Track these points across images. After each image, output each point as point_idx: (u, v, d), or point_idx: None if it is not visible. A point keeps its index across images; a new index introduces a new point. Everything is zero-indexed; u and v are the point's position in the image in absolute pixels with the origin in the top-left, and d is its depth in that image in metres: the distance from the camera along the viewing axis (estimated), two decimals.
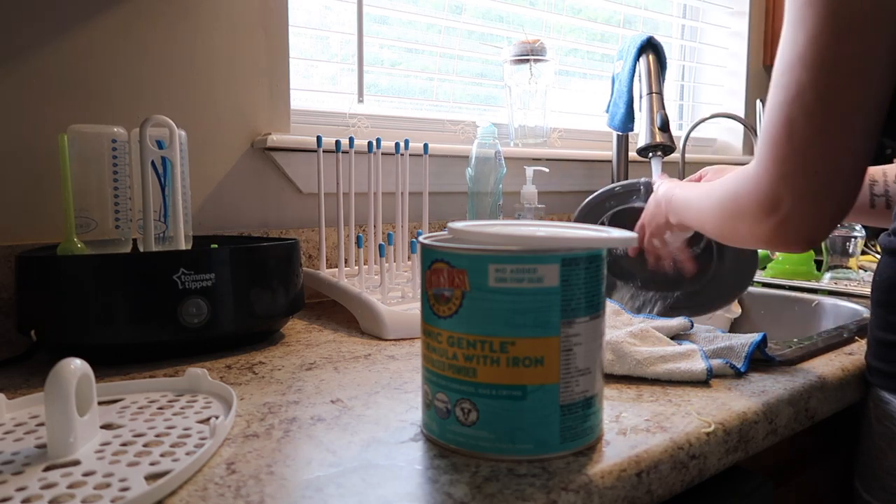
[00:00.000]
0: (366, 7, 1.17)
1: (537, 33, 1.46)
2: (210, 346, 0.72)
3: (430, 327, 0.48)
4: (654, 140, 1.11)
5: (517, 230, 0.48)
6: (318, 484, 0.42)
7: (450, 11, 1.33)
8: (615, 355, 0.64)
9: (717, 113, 1.48)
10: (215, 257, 0.70)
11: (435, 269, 0.46)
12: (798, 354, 0.70)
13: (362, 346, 0.77)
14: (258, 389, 0.60)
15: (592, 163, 1.45)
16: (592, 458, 0.46)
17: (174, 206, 0.75)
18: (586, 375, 0.46)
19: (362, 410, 0.55)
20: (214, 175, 0.99)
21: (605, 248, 0.47)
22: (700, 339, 0.73)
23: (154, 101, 0.93)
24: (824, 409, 0.65)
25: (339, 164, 0.94)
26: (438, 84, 1.34)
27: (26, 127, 0.84)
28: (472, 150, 1.09)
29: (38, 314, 0.66)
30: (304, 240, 1.06)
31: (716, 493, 0.56)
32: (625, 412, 0.55)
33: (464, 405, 0.46)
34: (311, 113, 1.13)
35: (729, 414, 0.55)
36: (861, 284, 1.11)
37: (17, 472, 0.43)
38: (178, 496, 0.41)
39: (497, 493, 0.41)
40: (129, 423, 0.51)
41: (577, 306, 0.45)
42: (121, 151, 0.76)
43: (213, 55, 0.97)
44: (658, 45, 1.17)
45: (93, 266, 0.66)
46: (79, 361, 0.46)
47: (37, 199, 0.85)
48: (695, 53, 1.86)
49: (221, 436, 0.48)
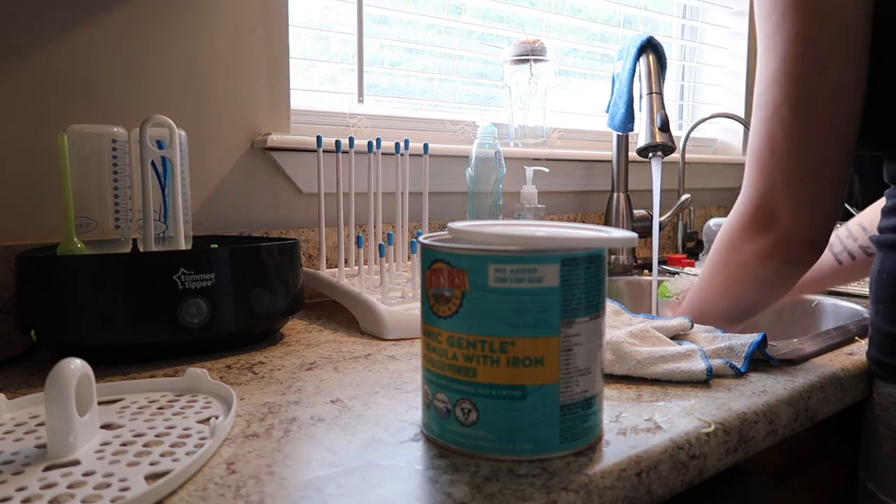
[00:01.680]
0: (366, 7, 1.17)
1: (537, 33, 1.46)
2: (210, 346, 0.72)
3: (430, 327, 0.48)
4: (654, 140, 1.11)
5: (517, 230, 0.48)
6: (318, 484, 0.42)
7: (450, 11, 1.33)
8: (615, 355, 0.64)
9: (717, 113, 1.48)
10: (215, 257, 0.70)
11: (435, 269, 0.46)
12: (798, 354, 0.70)
13: (362, 346, 0.77)
14: (258, 389, 0.60)
15: (592, 163, 1.45)
16: (592, 458, 0.46)
17: (174, 206, 0.75)
18: (586, 375, 0.46)
19: (362, 410, 0.55)
20: (214, 175, 0.99)
21: (605, 248, 0.47)
22: (700, 339, 0.73)
23: (154, 101, 0.93)
24: (824, 409, 0.65)
25: (339, 164, 0.94)
26: (438, 84, 1.34)
27: (26, 127, 0.84)
28: (472, 150, 1.10)
29: (38, 314, 0.66)
30: (304, 240, 1.06)
31: (716, 493, 0.56)
32: (625, 412, 0.55)
33: (464, 405, 0.46)
34: (311, 113, 1.13)
35: (729, 414, 0.55)
36: (861, 284, 1.11)
37: (17, 472, 0.43)
38: (178, 496, 0.41)
39: (497, 493, 0.41)
40: (129, 423, 0.51)
41: (577, 306, 0.45)
42: (121, 151, 0.76)
43: (214, 55, 0.97)
44: (658, 45, 1.17)
45: (93, 266, 0.66)
46: (79, 361, 0.46)
47: (37, 199, 0.85)
48: (695, 53, 1.86)
49: (221, 436, 0.48)
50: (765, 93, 0.58)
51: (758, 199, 0.58)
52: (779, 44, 0.56)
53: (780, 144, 0.56)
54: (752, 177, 0.59)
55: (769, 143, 0.57)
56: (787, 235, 0.58)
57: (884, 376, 0.67)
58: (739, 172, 1.83)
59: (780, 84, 0.56)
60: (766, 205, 0.58)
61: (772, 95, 0.57)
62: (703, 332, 0.76)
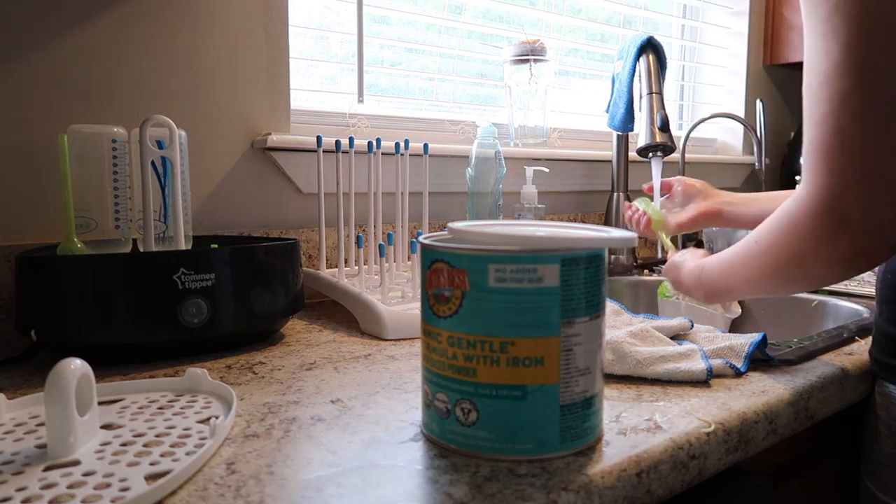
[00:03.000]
0: (366, 7, 1.17)
1: (537, 33, 1.46)
2: (210, 346, 0.72)
3: (430, 327, 0.48)
4: (654, 140, 1.11)
5: (517, 230, 0.48)
6: (318, 484, 0.42)
7: (450, 11, 1.33)
8: (615, 355, 0.64)
9: (717, 113, 1.48)
10: (215, 257, 0.70)
11: (435, 269, 0.46)
12: (798, 354, 0.70)
13: (362, 346, 0.77)
14: (258, 389, 0.60)
15: (592, 163, 1.45)
16: (592, 458, 0.46)
17: (174, 206, 0.75)
18: (586, 375, 0.46)
19: (362, 410, 0.55)
20: (214, 175, 0.99)
21: (605, 248, 0.47)
22: (700, 339, 0.73)
23: (154, 101, 0.93)
24: (824, 409, 0.65)
25: (339, 164, 0.94)
26: (438, 84, 1.34)
27: (26, 127, 0.84)
28: (472, 150, 1.09)
29: (38, 314, 0.66)
30: (304, 240, 1.06)
31: (716, 493, 0.56)
32: (625, 412, 0.55)
33: (464, 405, 0.46)
34: (311, 113, 1.13)
35: (729, 414, 0.55)
36: (861, 284, 1.11)
37: (18, 472, 0.43)
38: (178, 496, 0.41)
39: (497, 493, 0.41)
40: (129, 423, 0.51)
41: (577, 306, 0.45)
42: (121, 151, 0.76)
43: (214, 55, 0.97)
44: (658, 45, 1.17)
45: (93, 266, 0.66)
46: (79, 361, 0.46)
47: (37, 199, 0.85)
48: (695, 53, 1.86)
49: (221, 436, 0.48)
50: (826, 84, 0.52)
51: (829, 198, 0.52)
52: (839, 27, 0.51)
53: (853, 137, 0.51)
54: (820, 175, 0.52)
55: (838, 137, 0.51)
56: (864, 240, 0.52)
57: (886, 377, 0.67)
58: (739, 172, 1.84)
59: (846, 72, 0.51)
60: (839, 205, 0.52)
61: (836, 85, 0.51)
62: (704, 332, 0.76)
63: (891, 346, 0.66)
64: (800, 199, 0.54)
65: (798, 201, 0.54)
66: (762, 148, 1.49)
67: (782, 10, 1.81)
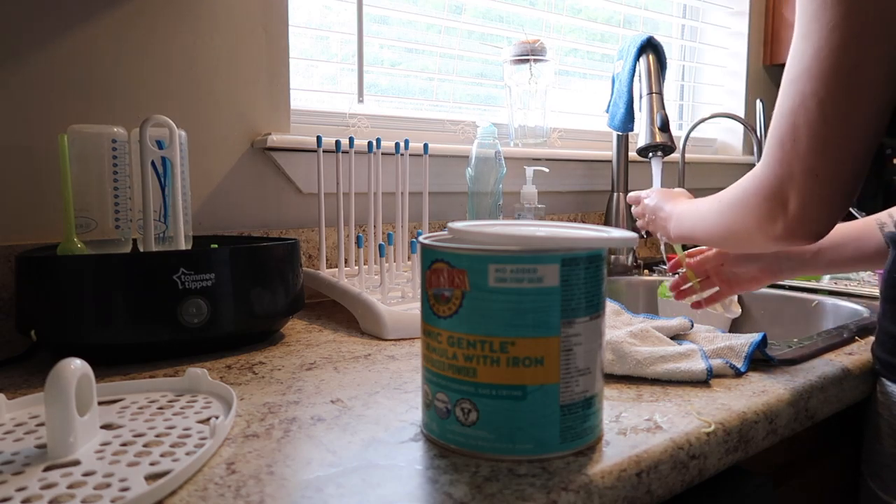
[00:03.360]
0: (366, 7, 1.17)
1: (537, 33, 1.46)
2: (210, 346, 0.72)
3: (430, 327, 0.48)
4: (654, 140, 1.11)
5: (517, 230, 0.48)
6: (318, 484, 0.42)
7: (450, 11, 1.33)
8: (615, 355, 0.64)
9: (717, 113, 1.48)
10: (215, 257, 0.70)
11: (435, 269, 0.46)
12: (798, 354, 0.70)
13: (362, 346, 0.77)
14: (258, 389, 0.60)
15: (592, 163, 1.45)
16: (592, 458, 0.46)
17: (174, 206, 0.75)
18: (586, 375, 0.46)
19: (362, 410, 0.55)
20: (214, 175, 0.99)
21: (605, 248, 0.47)
22: (700, 339, 0.73)
23: (154, 101, 0.93)
24: (824, 409, 0.65)
25: (339, 164, 0.94)
26: (438, 84, 1.34)
27: (26, 127, 0.84)
28: (472, 150, 1.09)
29: (38, 314, 0.66)
30: (304, 240, 1.06)
31: (716, 493, 0.56)
32: (625, 412, 0.55)
33: (464, 405, 0.46)
34: (311, 113, 1.13)
35: (729, 414, 0.55)
36: (861, 284, 1.11)
37: (18, 472, 0.43)
38: (178, 496, 0.41)
39: (497, 493, 0.41)
40: (129, 423, 0.51)
41: (577, 306, 0.45)
42: (121, 151, 0.76)
43: (213, 55, 0.97)
44: (658, 45, 1.17)
45: (92, 266, 0.66)
46: (79, 361, 0.46)
47: (37, 199, 0.85)
48: (695, 53, 1.86)
49: (221, 436, 0.48)
50: (795, 81, 0.56)
51: (775, 184, 0.58)
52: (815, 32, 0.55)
53: (803, 138, 0.56)
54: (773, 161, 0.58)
55: (792, 132, 0.56)
56: (794, 226, 0.58)
57: (889, 376, 0.67)
58: (739, 172, 1.83)
59: (811, 76, 0.55)
60: (781, 192, 0.58)
61: (801, 85, 0.56)
62: (704, 332, 0.76)
63: (894, 344, 0.66)
64: (755, 177, 0.61)
65: (753, 178, 0.61)
66: (762, 148, 1.49)
67: (782, 10, 1.81)
